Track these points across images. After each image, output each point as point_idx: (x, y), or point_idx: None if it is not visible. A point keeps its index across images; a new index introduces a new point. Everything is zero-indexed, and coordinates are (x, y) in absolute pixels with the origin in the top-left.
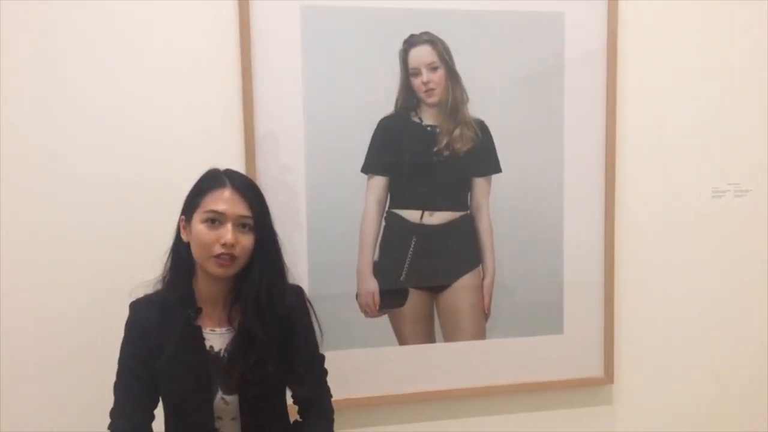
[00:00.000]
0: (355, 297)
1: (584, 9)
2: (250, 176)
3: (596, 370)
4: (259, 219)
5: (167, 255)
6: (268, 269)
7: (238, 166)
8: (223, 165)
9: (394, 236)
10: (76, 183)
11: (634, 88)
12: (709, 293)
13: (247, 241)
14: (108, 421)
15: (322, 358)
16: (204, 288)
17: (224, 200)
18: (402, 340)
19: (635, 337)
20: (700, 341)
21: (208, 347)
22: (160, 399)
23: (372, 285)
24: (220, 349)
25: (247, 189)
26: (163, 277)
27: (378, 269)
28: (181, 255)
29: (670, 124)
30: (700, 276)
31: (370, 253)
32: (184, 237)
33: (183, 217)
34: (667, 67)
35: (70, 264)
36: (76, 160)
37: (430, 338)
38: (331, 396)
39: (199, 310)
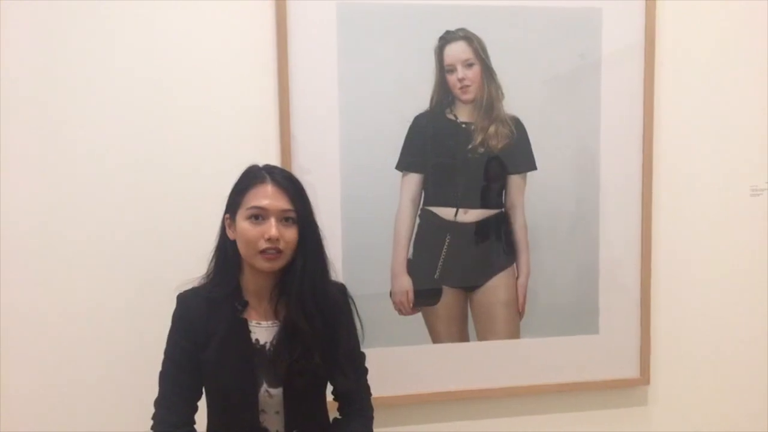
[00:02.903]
0: (388, 295)
1: (622, 5)
2: None
3: (632, 371)
4: (301, 212)
5: (212, 254)
6: (311, 262)
7: (275, 163)
8: (259, 162)
9: (428, 234)
10: (108, 182)
11: (671, 85)
12: (747, 292)
13: (291, 234)
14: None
15: (363, 356)
16: (251, 283)
17: (266, 195)
18: (436, 339)
19: (672, 337)
20: (738, 342)
21: (253, 340)
22: (204, 391)
23: (406, 283)
24: (266, 342)
25: (288, 183)
26: (208, 275)
27: (412, 267)
28: (227, 253)
29: (709, 122)
30: (739, 275)
31: (404, 251)
32: (230, 235)
33: (227, 215)
34: (705, 64)
35: (98, 265)
36: (108, 159)
37: (464, 337)
38: (370, 395)
39: (245, 304)
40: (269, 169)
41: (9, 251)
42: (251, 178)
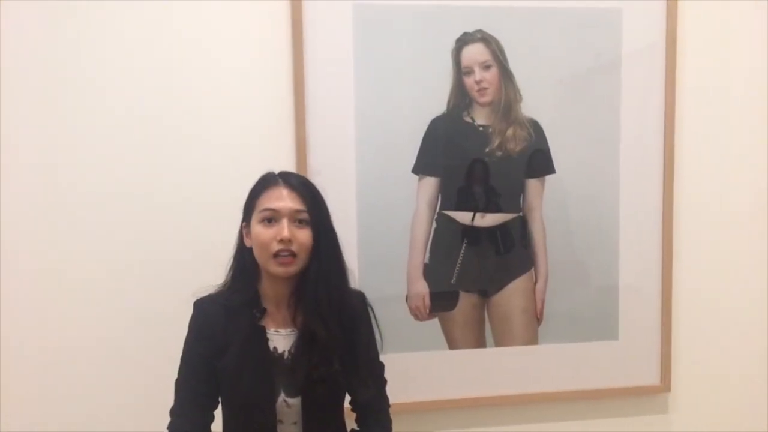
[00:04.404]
0: (404, 300)
1: (642, 5)
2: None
3: (652, 378)
4: (315, 214)
5: (229, 263)
6: (326, 266)
7: (289, 165)
8: (273, 164)
9: (445, 238)
10: (122, 188)
11: (693, 86)
12: None
13: (304, 236)
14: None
15: (382, 366)
16: (269, 290)
17: (278, 197)
18: (452, 344)
19: (693, 343)
20: (762, 348)
21: (271, 348)
22: (220, 400)
23: (422, 288)
24: (284, 351)
25: (301, 185)
26: (225, 284)
27: (428, 272)
28: (245, 261)
29: (731, 123)
30: (761, 280)
31: (421, 256)
32: (247, 243)
33: (244, 223)
34: (727, 64)
35: (112, 272)
36: (122, 164)
37: (480, 342)
38: (389, 405)
39: (263, 311)
40: (283, 174)
41: (21, 255)
42: (264, 182)
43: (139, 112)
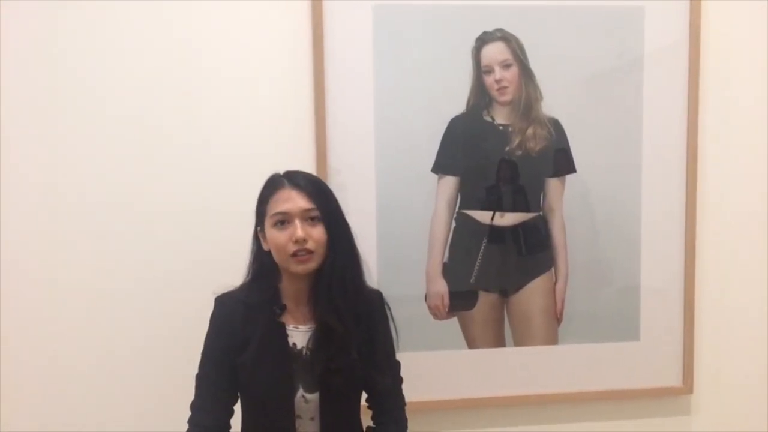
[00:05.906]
0: (423, 299)
1: (665, 3)
2: (321, 175)
3: (674, 379)
4: (324, 210)
5: (248, 266)
6: (341, 262)
7: (309, 165)
8: (293, 164)
9: (464, 237)
10: (139, 189)
11: (717, 85)
12: None
13: (318, 233)
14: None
15: (398, 364)
16: (289, 288)
17: (285, 199)
18: (471, 344)
19: (716, 344)
20: None
21: (290, 344)
22: (240, 395)
23: (441, 287)
24: (303, 347)
25: (306, 183)
26: (245, 283)
27: (447, 271)
28: (264, 263)
29: (754, 122)
30: None
31: (440, 255)
32: (264, 246)
33: (258, 228)
34: (751, 63)
35: (133, 272)
36: (139, 165)
37: (500, 342)
38: (405, 404)
39: (283, 307)
40: (288, 174)
41: (31, 256)
42: (270, 186)
43: (159, 114)
